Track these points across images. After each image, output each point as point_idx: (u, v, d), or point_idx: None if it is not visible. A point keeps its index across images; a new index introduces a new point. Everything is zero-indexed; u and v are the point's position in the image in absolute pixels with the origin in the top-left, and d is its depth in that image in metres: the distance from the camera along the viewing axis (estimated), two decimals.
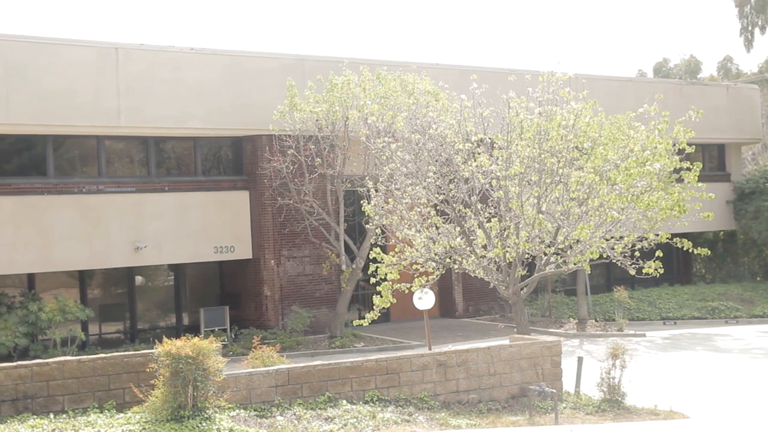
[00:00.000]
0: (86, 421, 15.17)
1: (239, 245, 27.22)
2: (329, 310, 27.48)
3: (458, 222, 20.48)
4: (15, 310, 23.98)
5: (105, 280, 27.15)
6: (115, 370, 16.15)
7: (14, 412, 15.43)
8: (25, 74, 23.67)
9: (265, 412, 16.36)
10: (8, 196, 24.08)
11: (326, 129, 26.07)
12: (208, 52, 26.71)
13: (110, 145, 26.26)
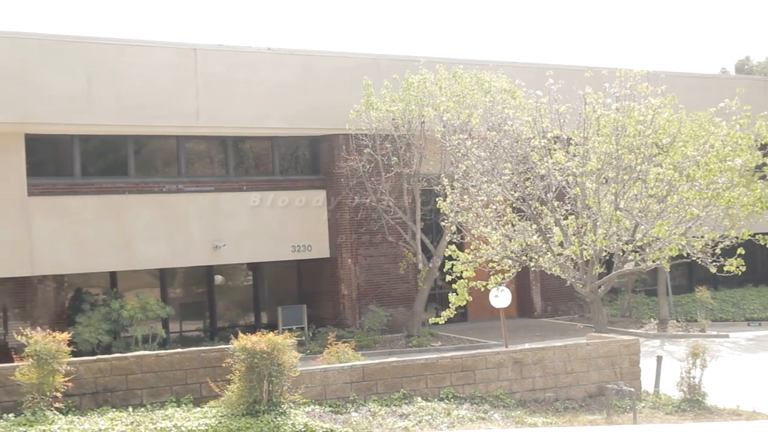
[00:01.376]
0: (164, 415, 15.36)
1: (316, 244, 27.36)
2: (406, 309, 27.47)
3: (534, 219, 20.31)
4: (98, 307, 24.44)
5: (185, 278, 27.53)
6: (192, 365, 16.33)
7: (94, 405, 15.69)
8: (107, 76, 24.11)
9: (339, 408, 16.39)
10: (92, 195, 24.56)
11: (402, 128, 26.07)
12: (284, 52, 26.92)
13: (189, 145, 26.61)
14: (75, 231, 24.13)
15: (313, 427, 15.18)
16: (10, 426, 14.30)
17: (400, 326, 27.10)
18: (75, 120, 23.81)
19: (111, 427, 14.52)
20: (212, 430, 14.67)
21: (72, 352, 16.17)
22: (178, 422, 14.87)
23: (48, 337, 15.17)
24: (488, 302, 21.78)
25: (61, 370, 15.06)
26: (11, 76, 23.05)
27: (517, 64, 29.78)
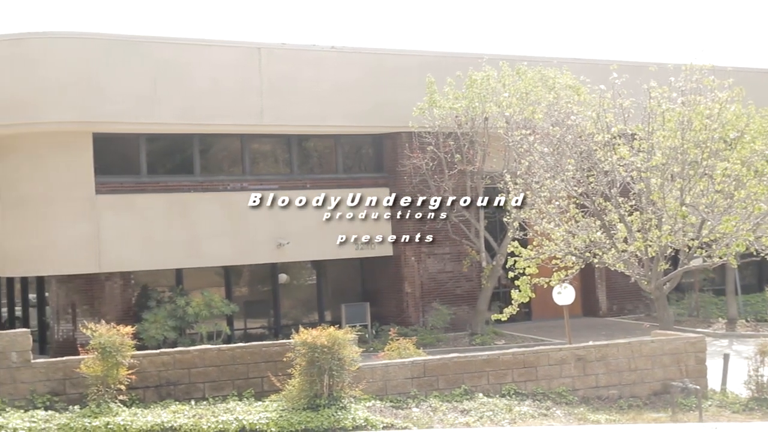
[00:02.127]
0: (225, 408, 15.49)
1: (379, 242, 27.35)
2: (470, 308, 27.35)
3: (598, 215, 20.09)
4: (164, 304, 24.73)
5: (250, 276, 27.73)
6: (254, 359, 16.44)
7: (157, 397, 15.87)
8: (173, 75, 24.39)
9: (400, 403, 16.38)
10: (158, 193, 24.85)
11: (465, 125, 25.99)
12: (348, 50, 27.00)
13: (254, 144, 26.81)
14: (141, 229, 24.45)
15: (374, 421, 15.19)
16: (76, 417, 14.54)
17: (463, 325, 26.99)
18: (141, 119, 24.13)
19: (173, 420, 14.69)
20: (273, 424, 14.76)
21: (138, 348, 16.40)
22: (239, 415, 14.99)
23: (112, 330, 15.39)
24: (552, 301, 21.62)
25: (124, 363, 15.27)
26: (79, 77, 23.44)
27: (581, 60, 29.48)
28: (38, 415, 14.66)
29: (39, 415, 14.64)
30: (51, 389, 15.40)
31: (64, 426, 14.23)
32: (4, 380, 15.18)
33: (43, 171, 23.78)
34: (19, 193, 24.07)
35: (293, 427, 14.76)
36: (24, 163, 24.07)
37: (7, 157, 24.39)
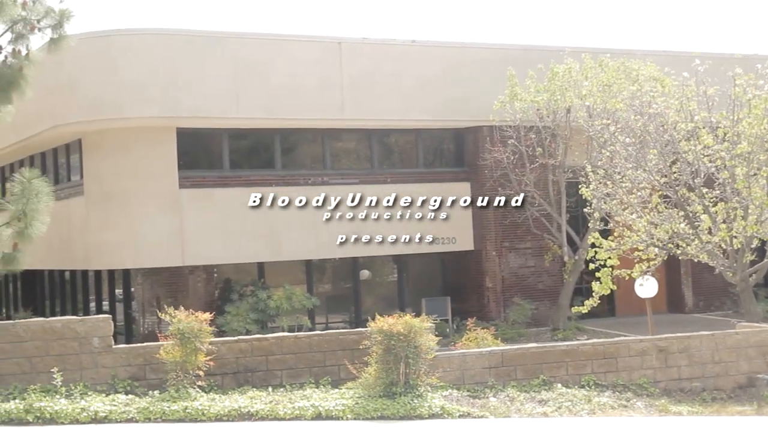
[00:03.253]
0: (302, 395, 15.57)
1: (461, 237, 27.24)
2: (551, 303, 27.05)
3: (681, 206, 19.70)
4: (246, 298, 24.96)
5: (331, 271, 27.83)
6: (331, 346, 16.50)
7: (235, 384, 16.03)
8: (254, 70, 24.61)
9: (477, 393, 16.28)
10: (240, 188, 25.07)
11: (547, 118, 25.72)
12: (429, 44, 26.96)
13: (334, 138, 26.90)
14: (224, 223, 24.69)
15: (450, 410, 15.12)
16: (155, 401, 14.75)
17: (545, 320, 26.70)
18: (223, 114, 24.39)
19: (250, 405, 14.81)
20: (349, 411, 14.78)
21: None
22: (316, 402, 15.06)
23: (191, 316, 15.58)
24: (637, 297, 21.28)
25: (203, 349, 15.45)
26: (163, 73, 23.79)
27: (666, 53, 28.97)
28: (119, 399, 14.93)
29: (119, 399, 14.90)
30: (132, 374, 15.66)
31: (144, 410, 14.45)
32: (87, 365, 15.48)
33: (127, 166, 24.19)
34: (105, 188, 24.52)
35: (369, 415, 14.76)
36: (109, 159, 24.52)
37: (93, 153, 24.88)
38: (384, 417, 14.78)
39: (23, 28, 16.21)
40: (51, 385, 15.03)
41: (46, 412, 14.14)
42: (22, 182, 15.91)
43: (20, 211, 15.80)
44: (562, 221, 26.08)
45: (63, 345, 15.36)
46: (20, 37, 16.35)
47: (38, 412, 14.10)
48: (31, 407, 14.14)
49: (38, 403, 14.26)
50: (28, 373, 15.15)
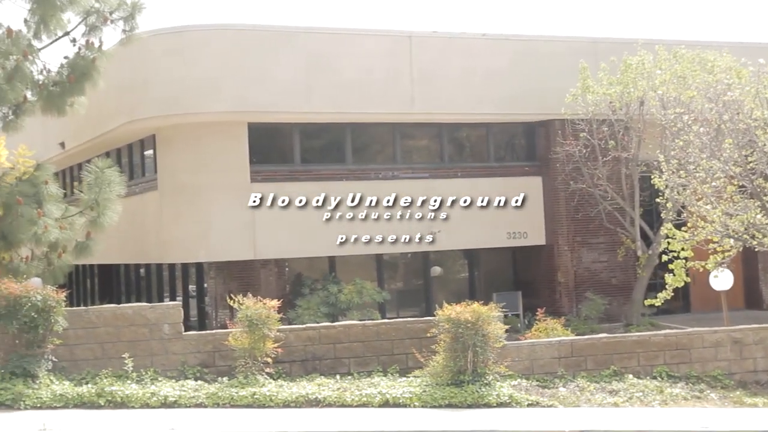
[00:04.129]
0: (369, 383, 15.57)
1: (532, 231, 27.00)
2: (624, 298, 26.64)
3: (758, 196, 19.26)
4: (317, 292, 25.03)
5: (402, 266, 27.79)
6: (398, 335, 16.47)
7: (303, 372, 16.09)
8: (325, 64, 24.67)
9: (547, 383, 16.13)
10: (311, 182, 25.15)
11: (620, 111, 25.36)
12: (500, 37, 26.78)
13: (404, 132, 26.84)
14: (294, 217, 24.79)
15: (519, 398, 15.00)
16: (223, 387, 14.88)
17: (617, 315, 26.32)
18: (294, 108, 24.47)
19: (317, 392, 14.86)
20: (416, 399, 14.74)
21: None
22: (383, 389, 15.05)
23: (259, 303, 15.67)
24: (712, 294, 20.89)
25: (271, 336, 15.54)
26: (235, 68, 23.96)
27: (743, 44, 28.35)
28: (188, 384, 15.08)
29: (189, 385, 15.05)
30: (201, 361, 15.81)
31: (212, 395, 14.58)
32: (157, 351, 15.67)
33: (200, 160, 24.41)
34: (178, 182, 24.79)
35: (436, 402, 14.71)
36: (182, 153, 24.77)
37: (167, 148, 25.17)
38: (451, 405, 14.72)
39: (96, 20, 16.53)
40: (122, 371, 15.24)
41: (117, 396, 14.34)
42: (95, 172, 16.19)
43: (93, 201, 16.11)
44: (635, 215, 25.70)
45: (134, 331, 15.57)
46: (93, 29, 16.67)
47: (110, 396, 14.31)
48: (102, 391, 14.36)
49: (110, 388, 14.47)
50: (100, 359, 15.38)
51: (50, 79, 16.50)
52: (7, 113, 16.73)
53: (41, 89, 16.45)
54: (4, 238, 15.54)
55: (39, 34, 15.98)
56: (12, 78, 15.41)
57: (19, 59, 15.33)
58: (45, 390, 14.27)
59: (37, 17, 15.84)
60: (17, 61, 15.33)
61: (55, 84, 16.51)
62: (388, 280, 27.03)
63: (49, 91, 16.39)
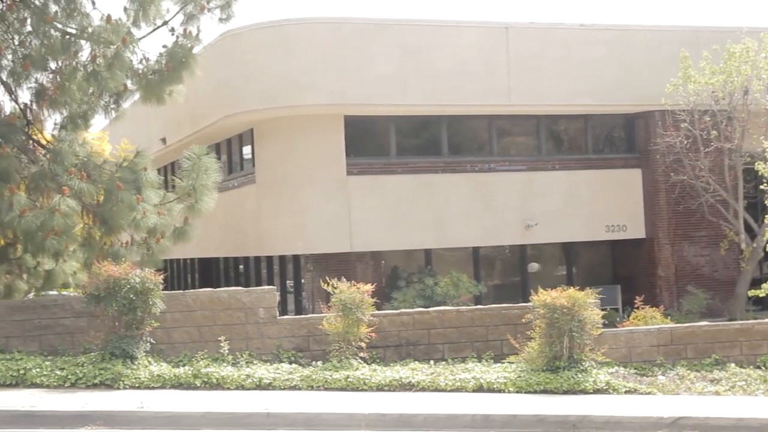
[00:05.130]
0: (463, 368, 15.46)
1: (631, 224, 26.55)
2: (727, 293, 25.99)
3: None
4: (413, 284, 24.99)
5: (498, 259, 27.58)
6: (493, 321, 16.32)
7: (397, 357, 16.05)
8: (421, 57, 24.63)
9: (645, 371, 15.83)
10: (406, 174, 25.17)
11: (723, 101, 24.77)
12: (598, 27, 26.41)
13: (500, 124, 26.66)
14: (390, 209, 24.83)
15: (616, 385, 14.71)
16: (318, 371, 14.92)
17: (720, 311, 25.67)
18: (390, 101, 24.50)
19: (411, 376, 14.79)
20: (511, 384, 14.58)
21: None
22: (477, 374, 14.91)
23: (353, 287, 15.68)
24: None
25: (364, 320, 15.53)
26: (332, 60, 24.10)
27: None
28: (282, 368, 15.16)
29: (283, 368, 15.13)
30: (296, 345, 15.88)
31: (306, 378, 14.63)
32: (252, 335, 15.79)
33: (297, 153, 24.61)
34: (275, 175, 25.03)
35: (531, 388, 14.52)
36: (279, 147, 25.00)
37: (264, 142, 25.44)
38: (547, 391, 14.51)
39: (194, 8, 16.74)
40: (218, 354, 15.40)
41: (213, 377, 14.49)
42: (192, 158, 16.40)
43: (190, 187, 16.30)
44: (739, 207, 25.07)
45: (229, 315, 15.72)
46: (191, 18, 16.91)
47: (205, 378, 14.47)
48: (199, 372, 14.53)
49: (205, 369, 14.63)
50: (197, 342, 15.57)
51: (149, 68, 16.79)
52: (108, 102, 17.07)
53: (140, 78, 16.74)
54: (104, 223, 15.86)
55: (138, 22, 16.26)
56: (112, 65, 15.71)
57: (118, 47, 15.61)
58: (143, 370, 14.50)
59: (136, 5, 16.13)
60: (117, 49, 15.62)
61: (154, 73, 16.80)
62: (485, 276, 26.84)
63: (148, 80, 16.68)
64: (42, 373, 14.26)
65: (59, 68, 16.48)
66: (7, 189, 14.57)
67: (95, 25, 15.82)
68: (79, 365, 14.51)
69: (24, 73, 15.56)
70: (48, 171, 15.34)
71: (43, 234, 14.34)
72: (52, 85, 16.59)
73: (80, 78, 16.15)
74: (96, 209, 16.01)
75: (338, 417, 12.96)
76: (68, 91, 16.08)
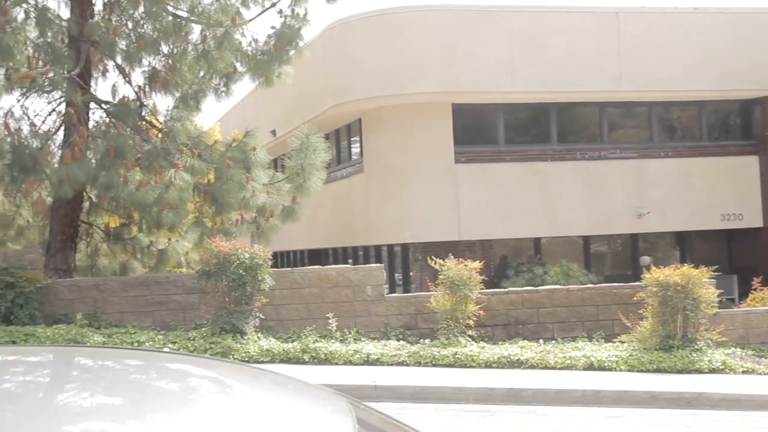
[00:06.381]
0: (574, 346, 15.22)
1: (748, 213, 25.79)
2: None
3: None
4: (522, 273, 24.72)
5: (609, 253, 27.11)
6: (604, 300, 16.01)
7: (506, 336, 15.88)
8: (529, 43, 24.38)
9: (764, 352, 15.33)
10: (515, 162, 24.93)
11: None
12: (712, 11, 25.74)
13: (611, 111, 26.20)
14: (499, 198, 24.62)
15: (732, 365, 14.28)
16: (426, 348, 14.85)
17: None
18: (498, 88, 24.30)
19: (520, 354, 14.61)
20: (622, 362, 14.28)
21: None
22: (588, 353, 14.67)
23: (460, 264, 15.57)
24: None
25: (472, 297, 15.39)
26: (440, 47, 24.03)
27: None
28: (390, 344, 15.14)
29: (391, 345, 15.11)
30: (403, 323, 15.84)
31: (414, 354, 14.57)
32: (360, 312, 15.81)
33: (405, 142, 24.60)
34: (383, 165, 25.06)
35: (644, 367, 14.18)
36: (387, 135, 25.03)
37: (372, 131, 25.49)
38: (659, 370, 14.15)
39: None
40: (326, 330, 15.46)
41: (321, 352, 14.55)
42: (300, 138, 16.51)
43: (298, 166, 16.40)
44: None
45: (337, 293, 15.76)
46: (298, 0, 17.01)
47: (314, 353, 14.53)
48: (307, 348, 14.60)
49: (314, 345, 14.70)
50: (305, 319, 15.66)
51: (258, 49, 16.97)
52: (218, 84, 17.30)
53: (250, 59, 16.93)
54: (215, 201, 16.07)
55: (247, 3, 16.46)
56: (221, 45, 15.92)
57: (228, 26, 15.81)
58: (252, 345, 14.63)
59: None
60: (226, 28, 15.82)
61: (263, 54, 16.97)
62: (595, 266, 26.40)
63: (257, 61, 16.85)
64: (154, 346, 14.52)
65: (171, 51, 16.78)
66: (123, 165, 14.88)
67: (205, 3, 16.06)
68: (191, 339, 14.74)
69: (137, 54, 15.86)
70: (160, 149, 15.62)
71: (158, 208, 14.59)
72: (164, 68, 16.89)
73: (191, 59, 16.41)
74: (207, 188, 16.23)
75: (446, 390, 12.87)
76: (179, 72, 16.34)
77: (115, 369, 2.65)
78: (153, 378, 2.58)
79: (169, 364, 2.85)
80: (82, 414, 2.04)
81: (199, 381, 2.66)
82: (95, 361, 2.76)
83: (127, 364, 2.76)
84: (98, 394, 2.28)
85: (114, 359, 2.82)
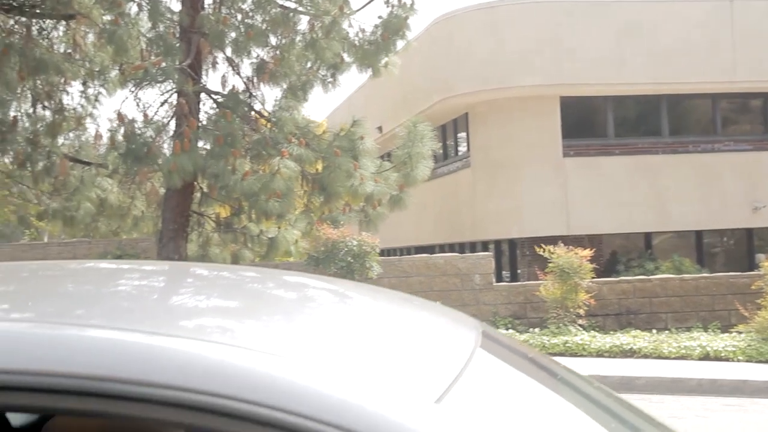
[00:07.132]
0: (688, 336, 14.85)
1: None
2: None
3: None
4: (632, 269, 24.22)
5: (722, 250, 26.39)
6: (719, 290, 15.60)
7: (617, 326, 15.59)
8: (638, 35, 23.92)
9: None
10: (625, 156, 24.49)
11: None
12: None
13: (724, 102, 25.53)
14: (608, 192, 24.20)
15: None
16: (535, 336, 14.67)
17: None
18: (606, 80, 23.90)
19: (632, 343, 14.33)
20: (740, 352, 13.87)
21: None
22: (703, 342, 14.28)
23: (570, 252, 15.33)
24: None
25: (583, 285, 15.15)
26: (546, 40, 23.75)
27: None
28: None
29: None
30: (512, 312, 15.68)
31: (523, 342, 14.38)
32: (468, 301, 15.69)
33: (512, 136, 24.37)
34: (490, 159, 24.87)
35: (763, 357, 13.75)
36: (494, 130, 24.83)
37: (479, 125, 25.33)
38: None
39: None
40: None
41: None
42: (408, 127, 16.45)
43: (406, 155, 16.34)
44: None
45: (445, 281, 15.69)
46: None
47: None
48: None
49: None
50: None
51: (365, 39, 16.98)
52: (325, 75, 17.35)
53: (356, 49, 16.96)
54: (323, 189, 16.10)
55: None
56: (329, 34, 15.97)
57: (335, 14, 15.86)
58: None
59: None
60: (334, 16, 15.87)
61: (370, 44, 16.98)
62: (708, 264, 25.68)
63: (364, 50, 16.87)
64: None
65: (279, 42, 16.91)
66: (232, 153, 15.03)
67: None
68: None
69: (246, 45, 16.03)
70: (269, 139, 15.74)
71: (265, 196, 14.68)
72: (272, 59, 17.03)
73: (298, 49, 16.50)
74: (315, 176, 16.30)
75: None
76: (287, 62, 16.43)
77: (236, 279, 2.62)
78: (270, 287, 2.54)
79: (288, 277, 2.83)
80: (198, 313, 2.00)
81: (321, 291, 2.64)
82: (211, 272, 2.74)
83: (244, 275, 2.73)
84: (214, 297, 2.24)
85: (235, 272, 2.80)
